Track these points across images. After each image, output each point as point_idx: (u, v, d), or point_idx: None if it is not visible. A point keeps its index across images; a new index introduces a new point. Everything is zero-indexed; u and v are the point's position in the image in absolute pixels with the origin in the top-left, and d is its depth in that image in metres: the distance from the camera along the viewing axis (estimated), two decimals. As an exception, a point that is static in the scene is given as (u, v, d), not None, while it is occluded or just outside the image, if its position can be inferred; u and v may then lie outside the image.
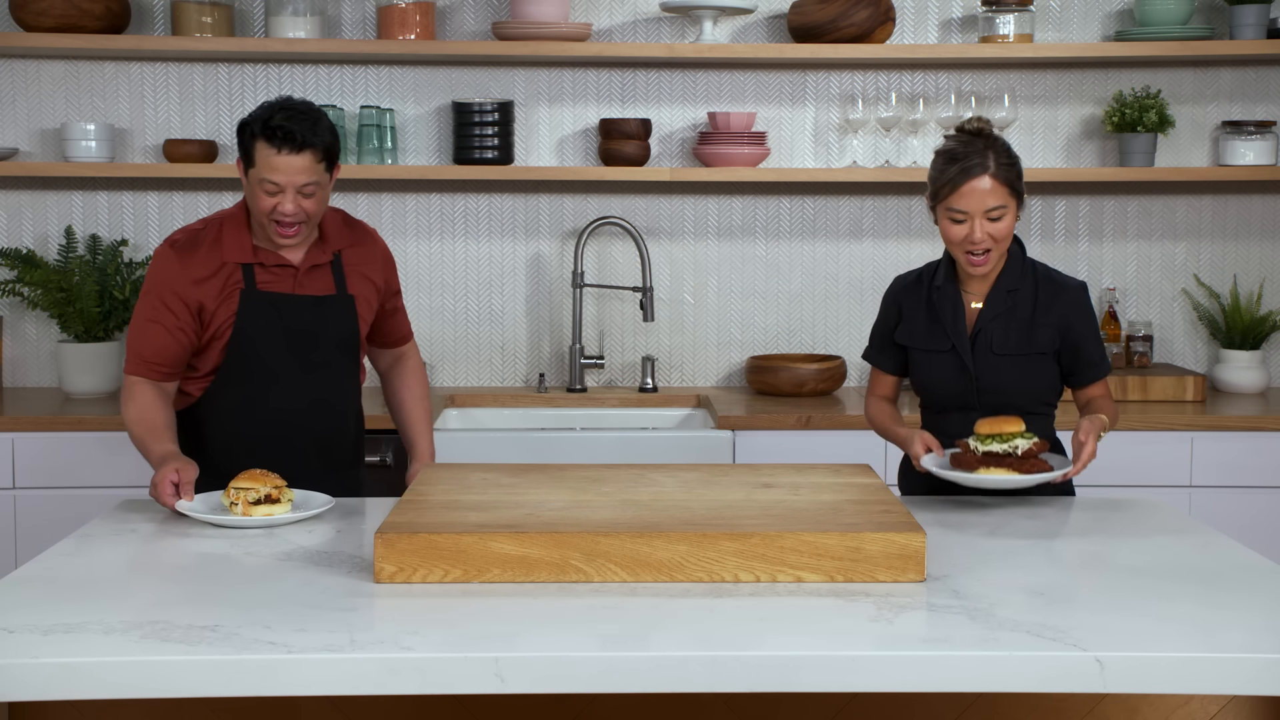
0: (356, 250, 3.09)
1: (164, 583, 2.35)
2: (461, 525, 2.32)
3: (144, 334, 2.96)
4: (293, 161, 2.84)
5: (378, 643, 1.99)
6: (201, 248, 2.96)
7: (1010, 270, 2.96)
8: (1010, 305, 2.95)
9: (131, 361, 2.98)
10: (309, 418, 3.05)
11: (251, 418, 3.01)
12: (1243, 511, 3.96)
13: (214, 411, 3.02)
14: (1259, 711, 2.24)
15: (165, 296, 2.94)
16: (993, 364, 2.95)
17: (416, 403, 3.27)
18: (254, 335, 2.97)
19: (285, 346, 3.00)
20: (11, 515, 3.89)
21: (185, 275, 2.94)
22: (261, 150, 2.85)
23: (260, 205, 2.89)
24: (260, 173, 2.86)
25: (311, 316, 3.02)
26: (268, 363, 2.99)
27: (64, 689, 1.93)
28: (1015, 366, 2.95)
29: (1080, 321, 2.97)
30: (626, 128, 4.36)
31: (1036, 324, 2.95)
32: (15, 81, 4.41)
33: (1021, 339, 2.95)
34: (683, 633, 2.06)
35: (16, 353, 4.49)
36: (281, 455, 2.94)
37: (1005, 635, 2.04)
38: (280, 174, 2.84)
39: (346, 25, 4.44)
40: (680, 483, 2.66)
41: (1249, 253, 4.59)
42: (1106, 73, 4.51)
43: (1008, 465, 2.73)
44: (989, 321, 2.96)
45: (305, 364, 3.03)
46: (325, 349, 3.05)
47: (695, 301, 4.59)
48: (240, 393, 3.00)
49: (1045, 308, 2.96)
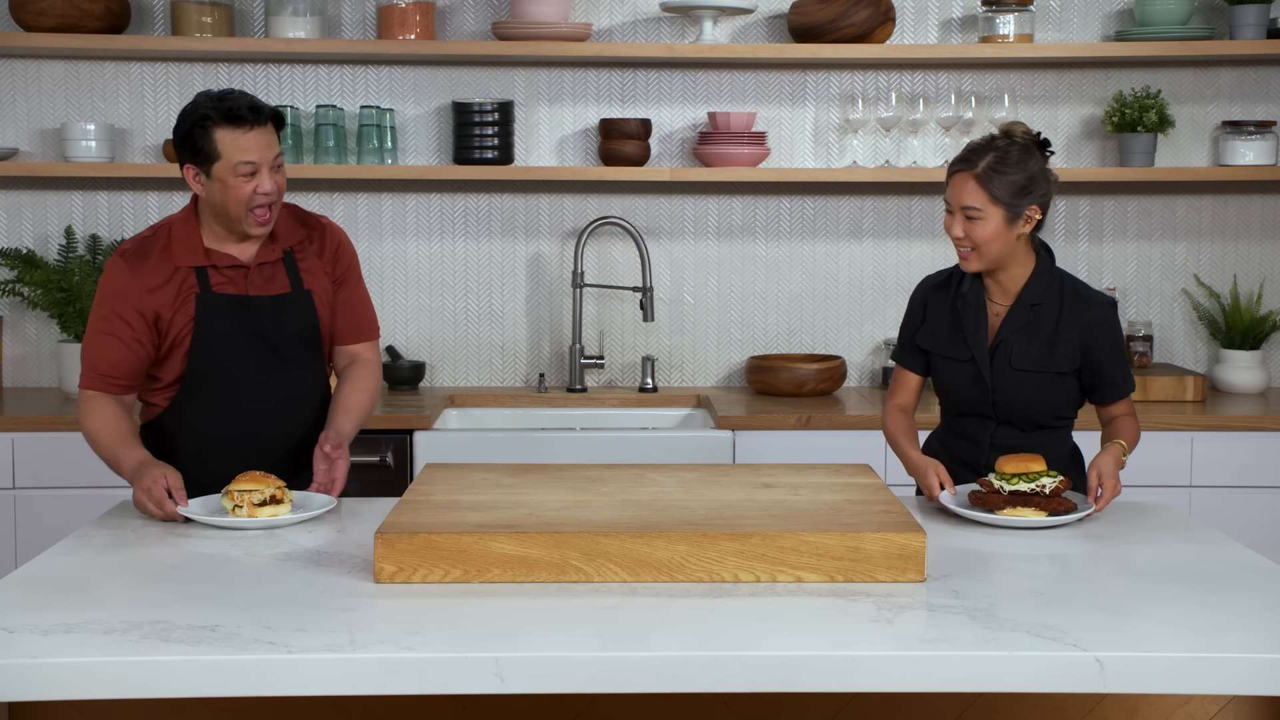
0: (309, 245, 3.05)
1: (164, 583, 2.34)
2: (461, 525, 2.32)
3: (99, 347, 2.90)
4: (260, 137, 2.84)
5: (378, 643, 1.99)
6: (152, 255, 2.90)
7: (1036, 282, 2.91)
8: (1032, 319, 2.91)
9: (87, 376, 2.91)
10: (277, 417, 3.00)
11: (221, 422, 2.96)
12: (1243, 511, 3.96)
13: (183, 420, 2.97)
14: (1259, 711, 2.24)
15: (119, 308, 2.88)
16: (1011, 378, 2.92)
17: (354, 392, 3.07)
18: (213, 339, 2.92)
19: (246, 348, 2.95)
20: (11, 515, 3.90)
21: (138, 285, 2.88)
22: (227, 136, 2.81)
23: (237, 195, 2.83)
24: (232, 159, 2.82)
25: (269, 315, 2.97)
26: (230, 366, 2.94)
27: (64, 689, 1.93)
28: (1032, 382, 2.91)
29: (1103, 341, 2.90)
30: (626, 128, 4.36)
31: (1058, 340, 2.90)
32: (15, 81, 4.41)
33: (1041, 355, 2.90)
34: (683, 633, 2.06)
35: (16, 353, 4.49)
36: (253, 457, 2.92)
37: (1005, 635, 2.04)
38: (254, 151, 2.83)
39: (346, 25, 4.44)
40: (680, 483, 2.66)
41: (1249, 253, 4.59)
42: (1106, 73, 4.51)
43: (1035, 505, 2.69)
44: (1010, 334, 2.91)
45: (268, 364, 2.98)
46: (287, 347, 3.00)
47: (695, 301, 4.59)
48: (206, 399, 2.95)
49: (1068, 325, 2.90)
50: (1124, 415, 2.97)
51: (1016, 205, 2.81)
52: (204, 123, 2.82)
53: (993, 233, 2.82)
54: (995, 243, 2.84)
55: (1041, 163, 2.85)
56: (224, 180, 2.83)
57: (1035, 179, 2.82)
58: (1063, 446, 3.01)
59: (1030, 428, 2.98)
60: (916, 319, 3.06)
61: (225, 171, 2.83)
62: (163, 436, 3.00)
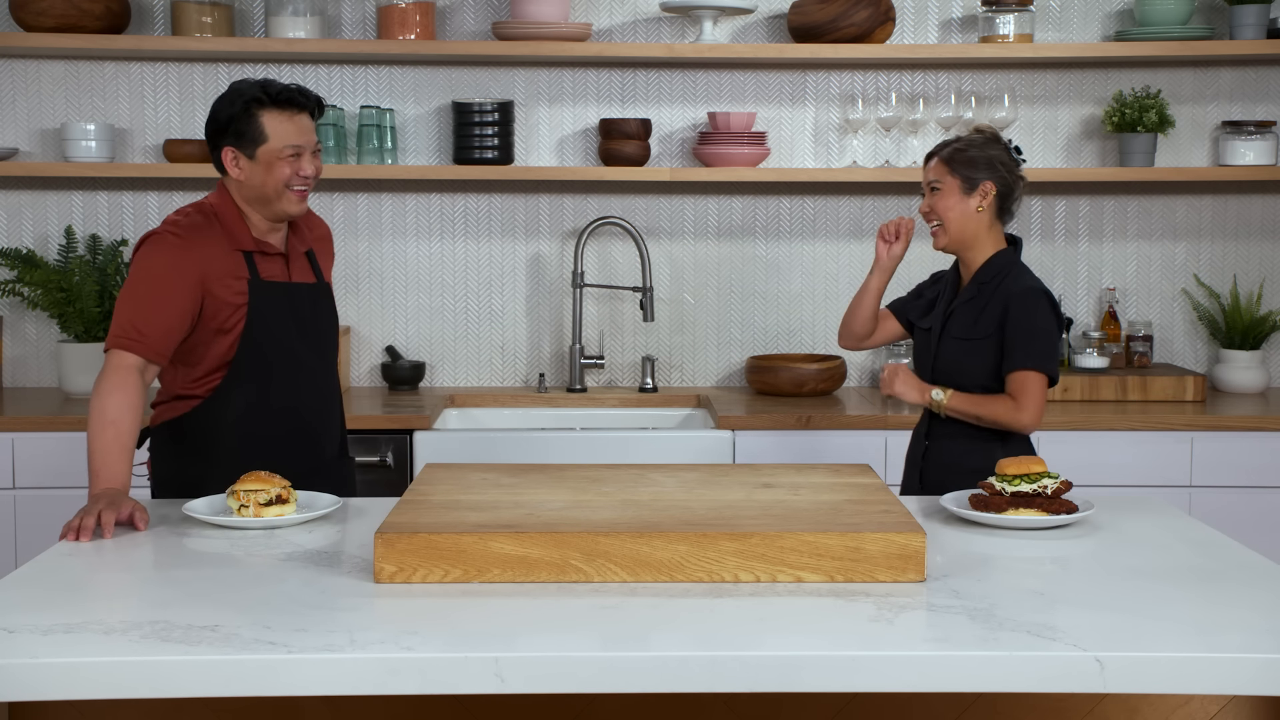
0: (320, 242, 3.13)
1: (164, 583, 2.34)
2: (461, 525, 2.31)
3: (147, 314, 2.80)
4: (304, 121, 2.92)
5: (378, 643, 1.99)
6: (205, 233, 2.89)
7: (993, 262, 3.17)
8: (975, 295, 3.17)
9: (126, 339, 2.78)
10: (326, 407, 3.04)
11: (268, 412, 2.94)
12: (1243, 511, 3.96)
13: (227, 411, 2.92)
14: (1259, 711, 2.24)
15: (172, 278, 2.82)
16: (947, 345, 3.19)
17: None
18: (271, 324, 2.91)
19: (296, 334, 2.96)
20: (11, 515, 3.90)
21: (194, 257, 2.85)
22: (275, 120, 2.88)
23: (280, 176, 2.88)
24: (279, 141, 2.88)
25: (308, 305, 3.00)
26: (283, 352, 2.94)
27: (64, 689, 1.93)
28: (961, 348, 3.17)
29: (1018, 311, 3.10)
30: (626, 128, 4.36)
31: (986, 311, 3.15)
32: (15, 81, 4.41)
33: (970, 322, 3.16)
34: (683, 633, 2.06)
35: (16, 353, 4.49)
36: (299, 448, 2.93)
37: (1005, 635, 2.04)
38: (299, 135, 2.90)
39: (346, 25, 4.44)
40: (680, 483, 2.66)
41: (1249, 253, 4.59)
42: (1106, 73, 4.51)
43: (1037, 505, 2.70)
44: (959, 306, 3.19)
45: (314, 352, 3.00)
46: (322, 338, 3.03)
47: (695, 301, 4.59)
48: (255, 388, 2.93)
49: (999, 297, 3.14)
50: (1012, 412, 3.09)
51: (971, 178, 3.15)
52: (252, 106, 2.87)
53: (951, 203, 3.16)
54: (953, 212, 3.16)
55: (1005, 154, 3.19)
56: (269, 163, 2.88)
57: (992, 161, 3.16)
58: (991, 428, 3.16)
59: None
60: (920, 290, 3.39)
61: (271, 154, 2.88)
62: (199, 432, 2.93)
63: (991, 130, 3.24)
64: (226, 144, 2.90)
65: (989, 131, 3.24)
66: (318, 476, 2.92)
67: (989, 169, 3.15)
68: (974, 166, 3.15)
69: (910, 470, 3.30)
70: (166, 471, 3.00)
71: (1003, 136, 3.26)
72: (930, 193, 3.19)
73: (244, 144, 2.88)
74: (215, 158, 2.93)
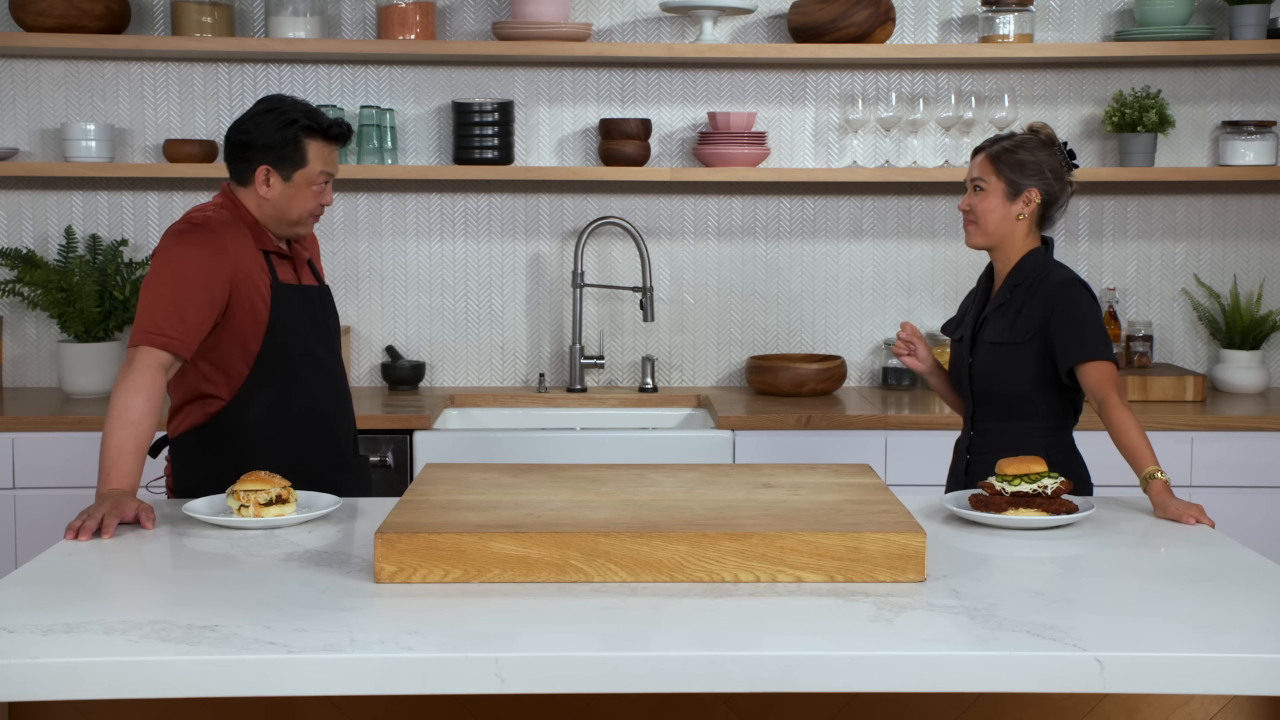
0: (313, 246, 3.19)
1: (164, 583, 2.35)
2: (461, 525, 2.31)
3: (177, 304, 2.78)
4: (336, 153, 2.99)
5: (378, 643, 1.99)
6: (234, 231, 2.91)
7: (1025, 263, 3.05)
8: (1010, 298, 3.05)
9: (153, 333, 2.75)
10: (342, 406, 3.07)
11: (290, 412, 2.95)
12: (1243, 511, 3.96)
13: (251, 412, 2.93)
14: (1259, 711, 2.24)
15: (199, 274, 2.81)
16: (982, 351, 3.06)
17: None
18: (292, 325, 2.95)
19: (314, 335, 3.00)
20: (11, 515, 3.90)
21: (220, 255, 2.86)
22: (319, 148, 2.93)
23: (307, 204, 2.94)
24: (315, 168, 2.93)
25: (319, 307, 3.05)
26: (304, 351, 2.97)
27: (64, 689, 1.93)
28: (994, 353, 3.03)
29: (1061, 301, 2.97)
30: (626, 128, 4.36)
31: (1022, 314, 3.02)
32: (15, 81, 4.41)
33: (1005, 327, 3.03)
34: (683, 633, 2.06)
35: (16, 353, 4.49)
36: (322, 447, 2.96)
37: (1005, 635, 2.04)
38: (332, 164, 2.97)
39: (346, 25, 4.44)
40: (680, 483, 2.66)
41: (1249, 253, 4.59)
42: (1106, 73, 4.51)
43: (1037, 505, 2.70)
44: (992, 312, 3.07)
45: (332, 352, 3.05)
46: (332, 339, 3.08)
47: (695, 301, 4.59)
48: (277, 388, 2.94)
49: (1035, 298, 3.01)
50: (1117, 410, 2.88)
51: (1017, 183, 3.00)
52: (300, 131, 2.90)
53: (992, 205, 3.01)
54: (993, 215, 3.01)
55: (1055, 160, 3.03)
56: (301, 187, 2.92)
57: (1041, 165, 3.00)
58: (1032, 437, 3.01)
59: (1001, 412, 3.06)
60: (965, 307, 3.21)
61: (306, 179, 2.92)
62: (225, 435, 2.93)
63: (1047, 131, 3.05)
64: (264, 163, 2.91)
65: (1044, 133, 3.05)
66: (340, 474, 2.96)
67: (1037, 176, 3.00)
68: (1022, 171, 3.00)
69: (953, 483, 3.20)
70: (193, 479, 2.97)
71: (1057, 138, 3.07)
72: (973, 190, 3.04)
73: (284, 165, 2.91)
74: (241, 170, 2.94)
